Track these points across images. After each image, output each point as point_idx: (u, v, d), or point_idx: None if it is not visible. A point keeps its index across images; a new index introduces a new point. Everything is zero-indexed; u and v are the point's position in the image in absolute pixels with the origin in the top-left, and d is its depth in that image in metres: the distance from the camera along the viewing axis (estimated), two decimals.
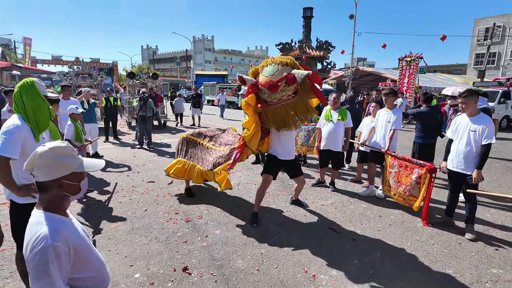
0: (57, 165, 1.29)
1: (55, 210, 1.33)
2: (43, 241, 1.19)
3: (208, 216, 4.32)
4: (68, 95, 6.36)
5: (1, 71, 13.92)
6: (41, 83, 2.47)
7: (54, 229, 1.24)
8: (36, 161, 1.28)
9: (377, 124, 5.13)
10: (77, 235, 1.34)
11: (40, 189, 1.31)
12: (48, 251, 1.18)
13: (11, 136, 2.19)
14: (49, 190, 1.30)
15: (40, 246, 1.18)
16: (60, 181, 1.30)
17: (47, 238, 1.20)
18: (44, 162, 1.27)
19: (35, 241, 1.20)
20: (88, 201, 4.75)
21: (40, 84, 2.46)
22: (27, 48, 30.25)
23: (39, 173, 1.28)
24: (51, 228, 1.24)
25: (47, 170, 1.28)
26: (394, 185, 4.56)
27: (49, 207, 1.32)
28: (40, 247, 1.18)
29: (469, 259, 3.35)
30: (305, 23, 27.51)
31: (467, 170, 3.74)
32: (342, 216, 4.39)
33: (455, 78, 25.55)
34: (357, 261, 3.27)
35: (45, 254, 1.17)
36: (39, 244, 1.19)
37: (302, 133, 6.78)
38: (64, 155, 1.32)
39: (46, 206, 1.32)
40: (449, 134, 4.07)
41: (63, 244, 1.23)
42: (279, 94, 3.55)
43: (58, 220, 1.31)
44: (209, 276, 2.96)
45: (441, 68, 39.10)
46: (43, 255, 1.17)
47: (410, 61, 16.16)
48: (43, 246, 1.18)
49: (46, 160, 1.28)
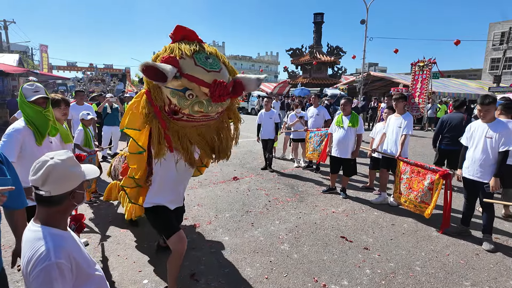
0: (72, 176, 1.28)
1: (56, 225, 1.29)
2: (47, 259, 1.14)
3: (217, 222, 4.29)
4: (82, 100, 6.49)
5: (18, 77, 14.33)
6: (30, 87, 2.43)
7: (56, 245, 1.20)
8: (51, 176, 1.22)
9: (388, 130, 5.03)
10: (78, 250, 1.30)
11: (49, 203, 1.25)
12: (52, 269, 1.13)
13: (9, 139, 2.34)
14: (62, 202, 1.27)
15: (43, 265, 1.13)
16: (74, 192, 1.29)
17: (50, 255, 1.15)
18: (60, 175, 1.24)
19: (37, 258, 1.15)
20: (98, 206, 4.79)
21: (28, 88, 2.42)
22: (43, 55, 31.13)
23: (53, 187, 1.23)
24: (53, 245, 1.19)
25: (65, 182, 1.25)
26: (405, 191, 4.44)
27: (50, 222, 1.27)
28: (43, 265, 1.13)
29: (487, 271, 3.21)
30: (316, 28, 27.53)
31: (483, 178, 3.62)
32: (353, 224, 4.29)
33: (470, 83, 25.01)
34: (369, 271, 3.18)
35: (48, 273, 1.13)
36: (42, 262, 1.14)
37: (315, 138, 6.71)
38: (74, 165, 1.31)
39: (48, 221, 1.27)
40: (464, 141, 3.95)
41: (66, 260, 1.19)
42: (217, 107, 2.24)
43: (59, 235, 1.26)
44: (217, 283, 2.92)
45: (455, 73, 38.39)
46: (47, 273, 1.13)
47: (423, 66, 15.91)
48: (47, 264, 1.14)
49: (62, 173, 1.24)
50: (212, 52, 2.33)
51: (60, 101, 3.31)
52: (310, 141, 6.88)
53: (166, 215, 2.66)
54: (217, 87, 2.12)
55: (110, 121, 7.48)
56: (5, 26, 27.54)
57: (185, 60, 2.16)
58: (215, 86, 2.12)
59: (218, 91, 2.12)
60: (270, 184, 6.08)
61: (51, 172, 1.22)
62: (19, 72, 13.34)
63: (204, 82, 2.14)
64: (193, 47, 2.24)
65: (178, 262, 2.60)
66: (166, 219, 2.65)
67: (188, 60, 2.17)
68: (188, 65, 2.15)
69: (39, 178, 1.21)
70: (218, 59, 2.32)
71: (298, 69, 31.57)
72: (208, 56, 2.25)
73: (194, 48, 2.24)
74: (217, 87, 2.12)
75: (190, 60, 2.17)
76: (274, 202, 5.10)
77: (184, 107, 2.16)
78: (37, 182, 1.22)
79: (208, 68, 2.17)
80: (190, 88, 2.14)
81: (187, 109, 2.17)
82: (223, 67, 2.31)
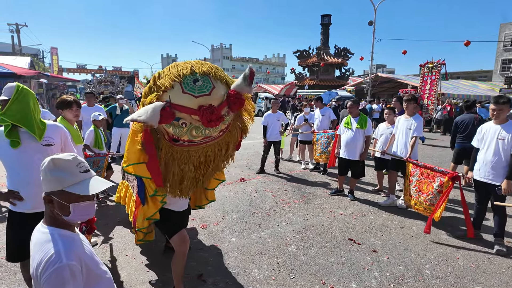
0: (50, 178, 1.24)
1: (65, 226, 1.28)
2: (58, 260, 1.13)
3: (224, 223, 4.29)
4: (92, 102, 6.57)
5: (29, 79, 14.60)
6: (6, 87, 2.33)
7: (67, 247, 1.19)
8: (41, 171, 1.26)
9: (397, 132, 4.98)
10: (87, 251, 1.30)
11: (44, 201, 1.27)
12: (64, 271, 1.12)
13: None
14: (46, 204, 1.27)
15: (55, 267, 1.12)
16: (50, 196, 1.25)
17: (62, 257, 1.15)
18: (43, 172, 1.26)
19: (48, 260, 1.14)
20: (107, 206, 4.84)
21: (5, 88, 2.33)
22: (54, 57, 31.68)
23: (42, 183, 1.27)
24: (64, 246, 1.19)
25: (44, 181, 1.26)
26: (415, 194, 4.39)
27: (56, 223, 1.27)
28: (55, 268, 1.12)
29: (499, 275, 3.15)
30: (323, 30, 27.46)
31: (495, 181, 3.55)
32: (361, 227, 4.26)
33: (481, 85, 24.66)
34: (377, 273, 3.14)
35: (60, 275, 1.12)
36: (54, 264, 1.13)
37: (322, 140, 6.68)
38: (61, 168, 1.24)
39: (53, 222, 1.28)
40: (475, 143, 3.89)
41: (77, 262, 1.18)
42: (216, 128, 2.17)
43: (69, 237, 1.25)
44: (225, 284, 2.92)
45: (465, 75, 37.86)
46: (58, 276, 1.11)
47: (432, 67, 15.72)
48: (58, 266, 1.12)
49: (44, 171, 1.25)
50: (203, 71, 2.16)
51: (72, 103, 3.36)
52: (317, 143, 6.85)
53: (168, 215, 2.67)
54: (204, 114, 2.03)
55: (119, 123, 7.49)
56: (17, 30, 28.13)
57: (173, 90, 2.09)
58: (202, 113, 2.04)
59: (205, 117, 2.03)
60: (277, 185, 6.07)
61: (42, 168, 1.26)
62: (30, 75, 13.59)
63: (192, 110, 2.06)
64: (182, 70, 2.13)
65: (182, 262, 2.61)
66: (169, 220, 2.67)
67: (176, 87, 2.09)
68: (176, 94, 2.08)
69: None
70: (210, 78, 2.16)
71: (305, 70, 31.51)
72: (197, 79, 2.12)
73: (183, 71, 2.12)
74: (203, 114, 2.03)
75: (178, 88, 2.09)
76: (281, 203, 5.08)
77: (181, 135, 2.14)
78: None
79: (196, 94, 2.07)
80: (181, 117, 2.09)
81: (186, 136, 2.14)
82: (216, 85, 2.16)
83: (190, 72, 2.13)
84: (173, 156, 2.31)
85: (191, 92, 2.07)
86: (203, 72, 2.15)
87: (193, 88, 2.08)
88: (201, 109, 2.04)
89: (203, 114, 2.03)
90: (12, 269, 3.05)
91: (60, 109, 3.44)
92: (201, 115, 2.04)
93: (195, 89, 2.08)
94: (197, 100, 2.06)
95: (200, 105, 2.05)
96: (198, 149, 2.32)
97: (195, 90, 2.08)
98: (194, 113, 2.06)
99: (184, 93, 2.07)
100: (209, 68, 2.20)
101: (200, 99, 2.07)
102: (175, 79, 2.09)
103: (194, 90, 2.08)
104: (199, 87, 2.09)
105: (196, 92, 2.07)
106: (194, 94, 2.07)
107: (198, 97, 2.07)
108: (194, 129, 2.11)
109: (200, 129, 2.11)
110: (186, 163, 2.34)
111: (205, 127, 2.10)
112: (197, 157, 2.35)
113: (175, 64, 2.23)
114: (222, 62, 74.24)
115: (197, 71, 2.14)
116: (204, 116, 2.03)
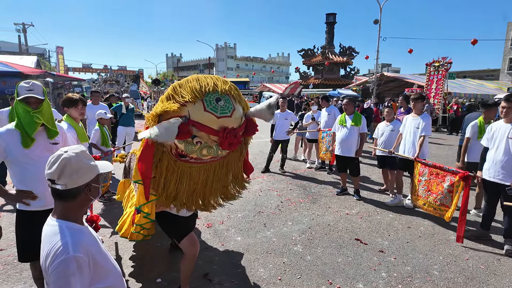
0: (87, 169, 1.29)
1: (74, 219, 1.30)
2: (64, 252, 1.15)
3: (229, 222, 4.27)
4: (97, 101, 6.59)
5: (36, 78, 14.73)
6: (25, 85, 2.27)
7: (74, 239, 1.21)
8: (67, 168, 1.23)
9: (405, 131, 4.92)
10: (95, 245, 1.30)
11: (66, 197, 1.26)
12: (70, 263, 1.14)
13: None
14: (78, 196, 1.28)
15: (61, 258, 1.14)
16: (90, 185, 1.30)
17: (69, 249, 1.16)
18: (76, 168, 1.25)
19: (56, 252, 1.16)
20: (112, 204, 4.84)
21: (22, 86, 2.26)
22: (60, 56, 31.91)
23: (70, 179, 1.24)
24: (72, 239, 1.20)
25: (81, 174, 1.26)
26: (424, 194, 4.33)
27: (68, 216, 1.28)
28: (61, 259, 1.14)
29: (509, 276, 3.09)
30: (328, 29, 27.36)
31: (505, 180, 3.49)
32: (368, 226, 4.21)
33: (488, 84, 24.34)
34: (385, 274, 3.10)
35: (67, 266, 1.13)
36: (61, 255, 1.15)
37: (327, 138, 6.65)
38: (88, 158, 1.32)
39: (66, 215, 1.28)
40: (484, 142, 3.82)
41: (84, 255, 1.19)
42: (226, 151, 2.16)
43: (77, 230, 1.27)
44: (230, 283, 2.90)
45: (472, 74, 37.45)
46: (65, 267, 1.13)
47: (438, 66, 15.58)
48: (65, 257, 1.14)
49: (77, 166, 1.25)
50: (225, 90, 2.08)
51: (78, 101, 3.37)
52: (323, 141, 6.85)
53: (175, 219, 2.59)
54: (227, 137, 1.97)
55: (125, 122, 7.52)
56: (23, 29, 28.37)
57: (194, 105, 1.98)
58: (225, 135, 1.97)
59: (227, 140, 1.98)
60: (282, 184, 6.04)
61: (66, 165, 1.23)
62: (37, 74, 13.68)
63: (213, 131, 1.98)
64: (204, 87, 2.02)
65: (191, 264, 2.59)
66: (176, 223, 2.59)
67: (198, 104, 1.98)
68: (197, 111, 1.98)
69: (54, 171, 1.23)
70: (231, 98, 2.10)
71: (310, 70, 31.41)
72: (219, 97, 2.03)
73: (206, 88, 2.01)
74: (226, 137, 1.97)
75: (199, 104, 1.98)
76: (287, 203, 5.05)
77: (191, 153, 2.06)
78: (53, 175, 1.23)
79: (218, 114, 1.98)
80: (198, 136, 2.00)
81: (195, 154, 2.06)
82: (236, 107, 2.11)
83: (212, 90, 2.04)
84: (174, 170, 2.25)
85: (213, 112, 1.98)
86: (225, 91, 2.08)
87: (215, 107, 1.99)
88: (225, 131, 1.98)
89: (227, 137, 1.98)
90: (19, 266, 3.06)
91: (65, 107, 3.44)
92: (223, 138, 1.98)
93: (217, 108, 1.99)
94: (218, 120, 1.98)
95: (221, 126, 1.99)
96: (200, 166, 2.28)
97: (217, 110, 1.99)
98: (213, 133, 1.99)
99: (205, 111, 1.97)
100: (230, 88, 2.14)
101: (221, 120, 1.99)
102: (197, 95, 1.98)
103: (216, 110, 1.99)
104: (221, 107, 2.01)
105: (219, 112, 1.99)
106: (216, 114, 1.98)
107: (220, 118, 1.99)
108: (206, 148, 2.03)
109: (212, 149, 2.04)
110: (185, 179, 2.29)
111: (217, 148, 2.04)
112: (197, 174, 2.31)
113: (195, 77, 2.14)
114: (227, 61, 74.20)
115: (219, 89, 2.06)
116: (227, 139, 1.98)
